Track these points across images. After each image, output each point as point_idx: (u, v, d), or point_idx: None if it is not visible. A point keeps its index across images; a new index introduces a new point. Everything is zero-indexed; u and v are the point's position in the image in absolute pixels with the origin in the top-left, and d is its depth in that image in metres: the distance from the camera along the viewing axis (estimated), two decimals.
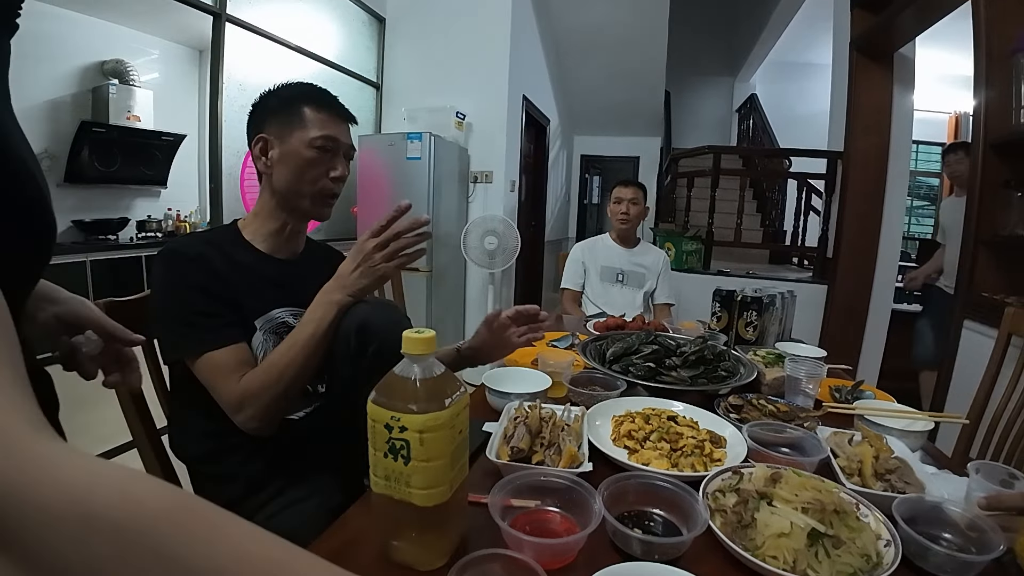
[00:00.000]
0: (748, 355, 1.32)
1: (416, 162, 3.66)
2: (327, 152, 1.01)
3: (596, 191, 8.85)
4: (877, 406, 1.05)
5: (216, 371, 0.89)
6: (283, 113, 1.01)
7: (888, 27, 3.00)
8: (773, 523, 0.61)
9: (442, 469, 0.58)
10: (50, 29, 3.93)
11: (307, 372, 0.90)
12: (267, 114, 1.03)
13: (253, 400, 0.88)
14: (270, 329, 1.00)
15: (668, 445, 0.83)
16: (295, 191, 1.02)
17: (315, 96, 1.03)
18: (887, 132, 3.31)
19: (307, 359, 0.89)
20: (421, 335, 0.59)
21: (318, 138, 0.99)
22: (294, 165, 1.00)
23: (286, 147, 1.00)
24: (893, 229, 3.42)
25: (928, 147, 7.17)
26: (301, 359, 0.89)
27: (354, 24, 4.11)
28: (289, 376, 0.88)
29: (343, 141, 1.04)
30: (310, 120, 1.00)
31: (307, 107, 1.00)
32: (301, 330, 0.90)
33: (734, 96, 8.19)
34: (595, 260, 2.52)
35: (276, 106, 1.02)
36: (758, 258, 4.89)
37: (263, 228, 1.05)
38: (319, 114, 1.01)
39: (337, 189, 1.05)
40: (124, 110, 4.34)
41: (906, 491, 0.74)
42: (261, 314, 1.00)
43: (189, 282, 0.91)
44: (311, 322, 0.90)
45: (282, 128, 1.00)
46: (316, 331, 0.89)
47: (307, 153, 0.99)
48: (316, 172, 1.01)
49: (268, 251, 1.05)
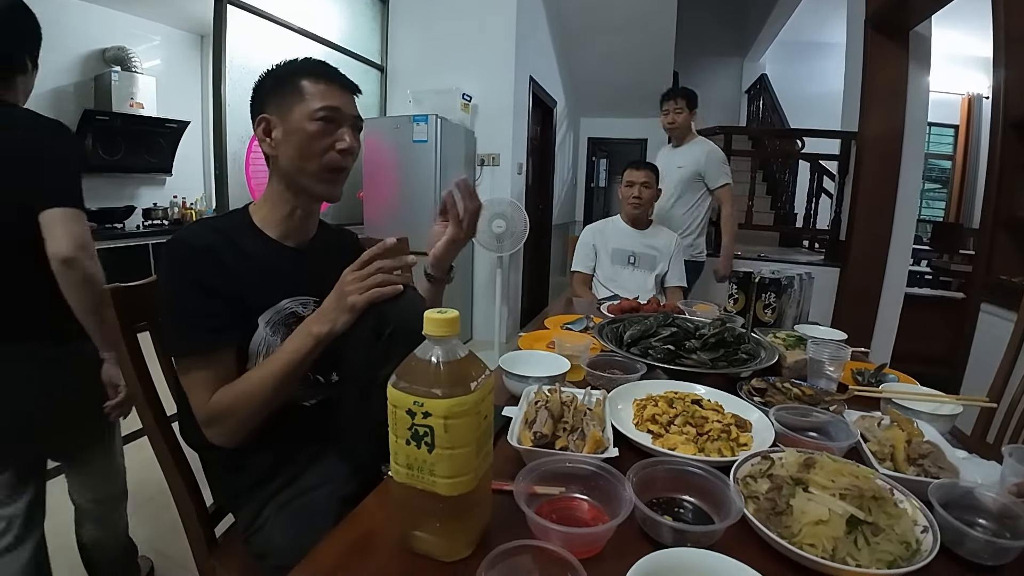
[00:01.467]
0: (768, 338, 1.29)
1: (422, 145, 3.63)
2: (331, 123, 0.97)
3: (603, 174, 8.78)
4: (904, 389, 1.03)
5: (192, 383, 0.89)
6: (282, 90, 0.97)
7: (904, 4, 2.93)
8: (810, 510, 0.59)
9: (468, 456, 0.56)
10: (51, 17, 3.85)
11: (277, 400, 0.90)
12: (266, 93, 0.99)
13: (221, 420, 0.88)
14: (278, 321, 0.98)
15: (694, 429, 0.81)
16: (301, 168, 0.98)
17: (313, 68, 0.99)
18: (902, 112, 3.25)
19: (277, 388, 0.88)
20: (444, 315, 0.56)
21: (319, 109, 0.95)
22: (297, 141, 0.96)
23: (288, 124, 0.96)
24: (907, 211, 3.37)
25: (941, 128, 7.07)
26: (271, 387, 0.88)
27: (357, 5, 4.05)
28: (258, 402, 0.88)
29: (347, 111, 1.00)
30: (309, 93, 0.96)
31: (305, 80, 0.96)
32: (277, 358, 0.89)
33: (743, 76, 8.04)
34: (606, 242, 2.49)
35: (274, 84, 0.99)
36: (769, 241, 4.84)
37: (273, 214, 1.02)
38: (318, 85, 0.97)
39: (346, 162, 1.01)
40: (127, 97, 4.32)
41: (940, 476, 0.72)
42: (268, 307, 0.97)
43: (188, 277, 0.89)
44: (287, 351, 0.89)
45: (282, 105, 0.97)
46: (291, 361, 0.88)
47: (310, 127, 0.95)
48: (321, 145, 0.97)
49: (279, 237, 1.02)
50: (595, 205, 8.26)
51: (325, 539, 0.63)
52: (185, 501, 1.00)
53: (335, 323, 0.88)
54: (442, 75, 4.17)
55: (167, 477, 1.00)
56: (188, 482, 1.00)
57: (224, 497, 1.05)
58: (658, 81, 6.10)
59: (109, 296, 0.94)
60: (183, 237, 0.92)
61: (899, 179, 3.31)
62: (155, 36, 4.72)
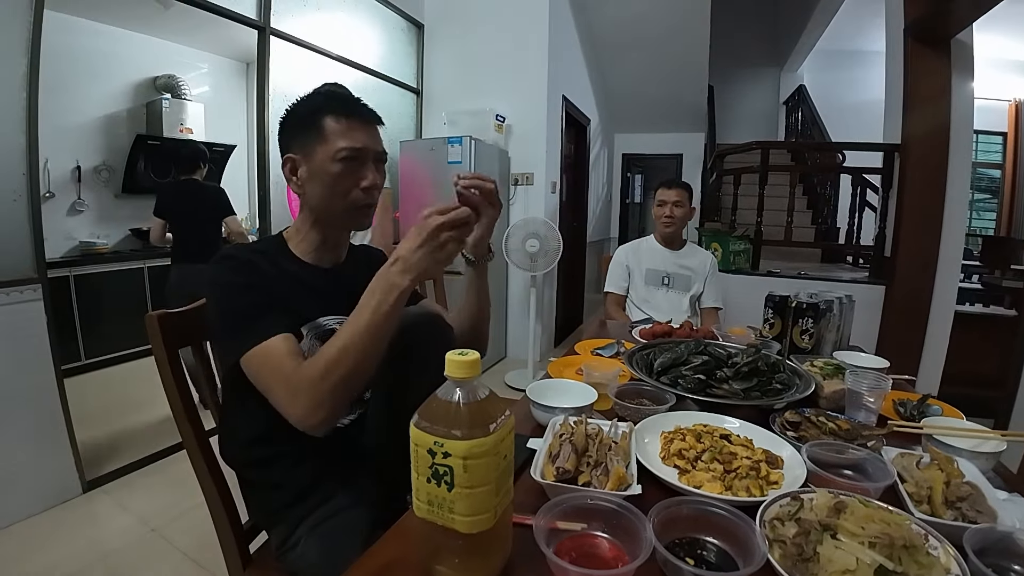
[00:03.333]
0: (804, 366, 1.26)
1: (457, 166, 3.68)
2: (354, 162, 0.98)
3: (638, 190, 8.73)
4: (946, 424, 0.98)
5: (267, 361, 0.85)
6: (305, 129, 0.99)
7: (944, 12, 2.83)
8: (837, 558, 0.57)
9: (486, 495, 0.56)
10: (107, 48, 4.12)
11: (367, 361, 0.83)
12: (291, 133, 1.02)
13: (307, 389, 0.81)
14: (316, 336, 1.00)
15: (721, 467, 0.80)
16: (328, 208, 1.01)
17: (334, 105, 0.99)
18: (946, 121, 3.12)
19: (367, 345, 0.82)
20: (464, 357, 0.57)
21: (341, 150, 0.96)
22: (322, 182, 0.98)
23: (312, 164, 0.98)
24: (955, 224, 3.22)
25: (988, 136, 6.79)
26: (360, 345, 0.81)
27: (394, 32, 4.17)
28: (349, 363, 0.81)
29: (370, 147, 1.00)
30: (331, 132, 0.97)
31: (327, 118, 0.97)
32: (357, 316, 0.83)
33: (781, 88, 7.91)
34: (639, 263, 2.47)
35: (297, 123, 1.01)
36: (809, 257, 4.71)
37: (305, 242, 1.06)
38: (339, 124, 0.97)
39: (370, 199, 1.03)
40: (177, 123, 4.52)
41: (977, 520, 0.69)
42: (308, 320, 1.00)
43: (240, 282, 0.92)
44: (367, 308, 0.82)
45: (306, 145, 0.99)
46: (374, 317, 0.81)
47: (333, 168, 0.97)
48: (345, 185, 0.99)
49: (313, 262, 1.06)
50: (630, 221, 8.21)
51: (350, 570, 0.64)
52: (221, 517, 1.03)
53: (422, 271, 0.82)
54: (476, 97, 4.24)
55: (204, 493, 1.03)
56: (225, 498, 1.03)
57: (259, 515, 1.08)
58: (693, 95, 6.07)
59: None
60: (228, 253, 0.97)
61: (946, 190, 3.17)
62: (203, 64, 4.94)
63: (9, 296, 1.94)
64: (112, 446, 2.59)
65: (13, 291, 1.95)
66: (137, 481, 2.36)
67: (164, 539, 1.95)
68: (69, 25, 3.75)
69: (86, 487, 2.24)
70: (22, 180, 1.97)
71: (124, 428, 2.81)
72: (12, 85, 1.92)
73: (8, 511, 1.99)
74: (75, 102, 3.92)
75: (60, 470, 2.16)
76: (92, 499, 2.21)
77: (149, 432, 2.73)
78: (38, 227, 2.02)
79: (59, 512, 2.09)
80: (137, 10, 3.98)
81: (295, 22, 3.24)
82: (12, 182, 1.95)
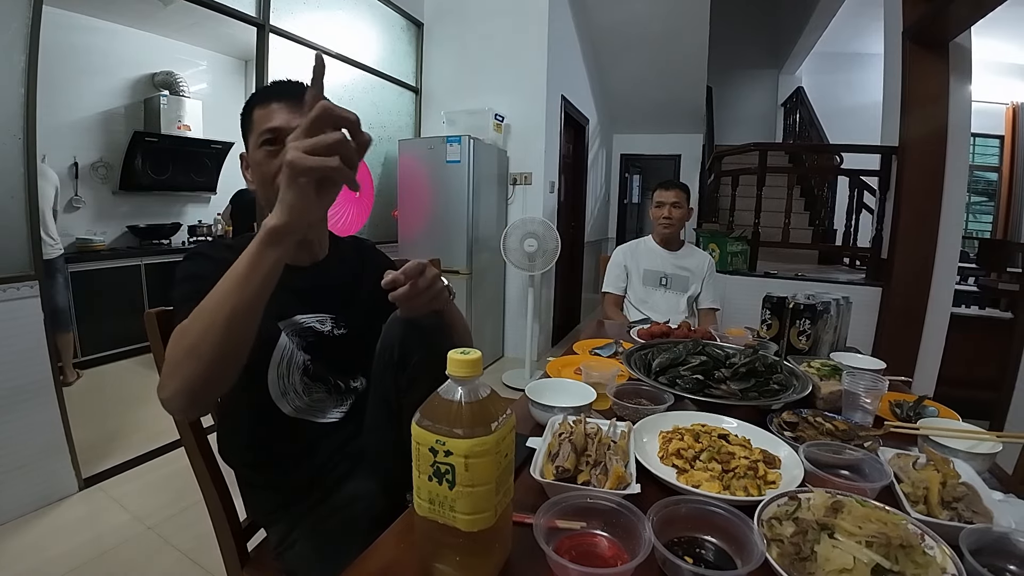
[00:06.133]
0: (801, 366, 1.27)
1: (455, 165, 3.68)
2: (275, 144, 0.92)
3: (636, 190, 8.74)
4: (942, 425, 0.99)
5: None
6: (245, 126, 0.98)
7: (942, 15, 2.85)
8: (834, 557, 0.57)
9: (488, 494, 0.57)
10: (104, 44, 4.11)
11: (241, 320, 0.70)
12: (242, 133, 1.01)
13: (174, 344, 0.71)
14: (295, 332, 0.99)
15: (719, 466, 0.80)
16: (266, 199, 0.95)
17: (261, 95, 0.97)
18: (944, 124, 3.14)
19: (229, 304, 0.68)
20: (467, 356, 0.58)
21: (261, 134, 0.93)
22: (256, 173, 0.96)
23: (251, 158, 0.97)
24: (952, 227, 3.24)
25: (985, 139, 6.83)
26: (220, 302, 0.69)
27: (393, 30, 4.16)
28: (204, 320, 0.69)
29: (287, 127, 0.90)
30: (256, 121, 0.95)
31: (256, 109, 0.96)
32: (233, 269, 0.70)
33: (779, 89, 7.92)
34: (637, 263, 2.48)
35: (241, 122, 1.00)
36: (807, 259, 4.73)
37: None
38: (262, 110, 0.95)
39: None
40: (175, 120, 4.52)
41: (973, 520, 0.69)
42: (284, 318, 0.98)
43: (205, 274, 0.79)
44: (238, 263, 0.70)
45: (247, 141, 0.98)
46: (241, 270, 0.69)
47: (258, 155, 0.94)
48: (270, 170, 0.92)
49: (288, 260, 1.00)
50: (628, 222, 8.23)
51: (350, 568, 0.65)
52: (219, 515, 1.03)
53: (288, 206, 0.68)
54: (475, 96, 4.25)
55: (203, 491, 1.03)
56: (223, 496, 1.03)
57: (258, 513, 1.08)
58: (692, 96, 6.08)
59: None
60: (199, 250, 0.96)
61: (943, 193, 3.19)
62: (201, 61, 4.94)
63: (6, 292, 1.94)
64: (109, 443, 2.59)
65: (10, 288, 1.95)
66: (134, 479, 2.36)
67: (161, 537, 1.94)
68: (67, 21, 3.74)
69: (83, 484, 2.23)
70: (19, 177, 1.97)
71: (121, 425, 2.81)
72: (10, 81, 1.91)
73: (4, 508, 1.98)
74: (73, 98, 3.92)
75: (57, 467, 2.15)
76: (89, 497, 2.20)
77: (146, 430, 2.73)
78: (35, 224, 2.02)
79: (55, 510, 2.09)
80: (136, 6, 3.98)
81: (294, 20, 3.23)
82: (9, 179, 1.95)
